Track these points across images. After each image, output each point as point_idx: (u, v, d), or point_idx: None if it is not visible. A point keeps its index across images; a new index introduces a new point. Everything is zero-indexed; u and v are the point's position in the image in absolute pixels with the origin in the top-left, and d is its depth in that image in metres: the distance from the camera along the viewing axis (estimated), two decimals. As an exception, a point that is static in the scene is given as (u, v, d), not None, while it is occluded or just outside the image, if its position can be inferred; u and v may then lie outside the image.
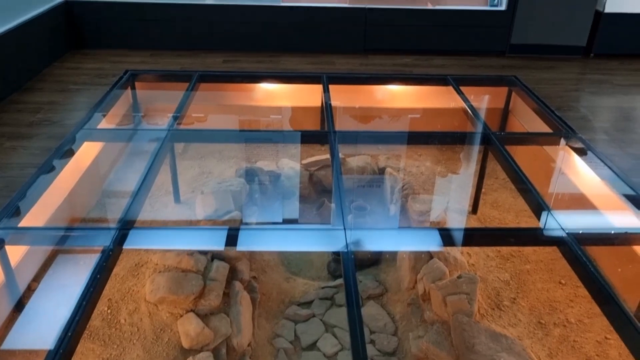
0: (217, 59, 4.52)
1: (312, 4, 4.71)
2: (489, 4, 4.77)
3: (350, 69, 4.40)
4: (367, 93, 4.18)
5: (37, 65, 4.11)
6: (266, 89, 4.14)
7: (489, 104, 4.23)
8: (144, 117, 4.01)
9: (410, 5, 4.74)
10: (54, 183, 2.64)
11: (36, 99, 3.59)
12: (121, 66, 4.19)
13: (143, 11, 4.60)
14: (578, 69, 4.56)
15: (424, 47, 4.82)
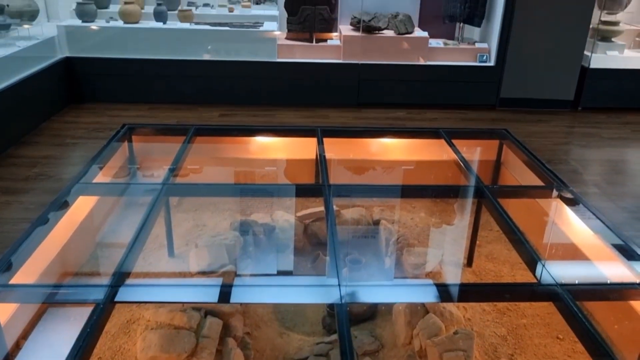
0: (213, 112, 4.60)
1: (307, 60, 4.85)
2: (478, 60, 4.92)
3: (344, 122, 4.49)
4: (361, 146, 4.24)
5: (36, 119, 4.17)
6: (261, 142, 4.19)
7: (481, 156, 4.29)
8: (140, 170, 4.03)
9: (402, 61, 4.88)
10: (48, 238, 2.62)
11: (33, 153, 3.62)
12: (119, 120, 4.25)
13: (141, 67, 4.72)
14: (567, 122, 4.66)
15: (416, 100, 4.93)
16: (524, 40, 4.70)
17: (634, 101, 4.97)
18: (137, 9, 4.75)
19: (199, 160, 4.20)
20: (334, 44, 4.92)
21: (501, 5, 4.70)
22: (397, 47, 4.87)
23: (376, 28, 4.86)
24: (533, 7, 4.59)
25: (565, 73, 4.84)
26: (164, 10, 4.76)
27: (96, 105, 4.66)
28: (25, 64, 4.09)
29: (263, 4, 5.23)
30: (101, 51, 4.67)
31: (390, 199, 4.14)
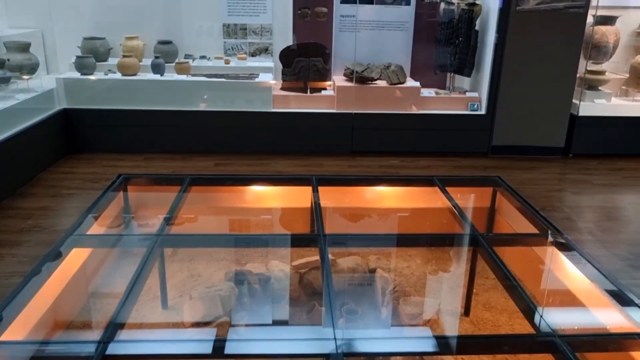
0: (209, 162, 4.64)
1: (302, 110, 4.94)
2: (469, 109, 5.02)
3: (338, 171, 4.53)
4: (356, 194, 4.27)
5: (32, 170, 4.19)
6: (257, 191, 4.21)
7: (475, 203, 4.32)
8: (135, 220, 4.03)
9: (395, 110, 4.97)
10: (40, 291, 2.59)
11: (28, 204, 3.62)
12: (114, 170, 4.27)
13: (138, 117, 4.78)
14: (559, 169, 4.72)
15: (410, 148, 5.00)
16: (513, 89, 4.83)
17: (623, 148, 5.06)
18: (135, 61, 4.86)
19: (195, 209, 4.21)
20: (328, 94, 5.03)
21: (490, 56, 4.85)
22: (390, 97, 4.98)
23: (369, 78, 4.98)
24: (521, 57, 4.73)
25: (555, 121, 4.94)
26: (161, 63, 4.87)
27: (92, 155, 4.69)
28: (23, 117, 4.14)
29: (259, 55, 5.36)
30: (98, 103, 4.75)
31: (386, 247, 4.13)
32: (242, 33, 5.33)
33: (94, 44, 5.02)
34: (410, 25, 5.23)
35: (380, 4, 5.16)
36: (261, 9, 5.26)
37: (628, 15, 5.31)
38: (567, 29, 4.65)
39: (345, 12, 5.17)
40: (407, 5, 5.17)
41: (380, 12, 5.17)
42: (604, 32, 5.07)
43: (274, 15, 5.26)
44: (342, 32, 5.24)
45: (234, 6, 5.23)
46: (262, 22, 5.30)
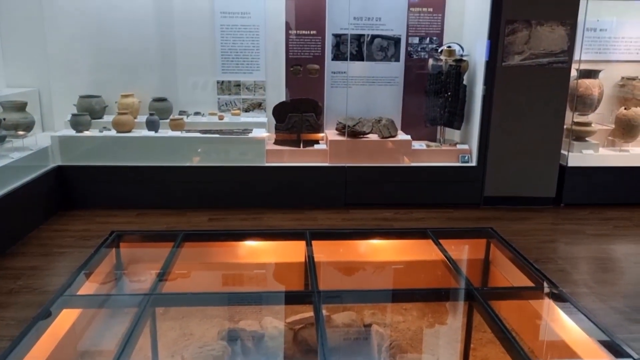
0: (202, 217, 4.64)
1: (295, 164, 4.99)
2: (460, 161, 5.09)
3: (332, 224, 4.53)
4: (350, 248, 4.26)
5: (24, 229, 4.16)
6: (250, 246, 4.20)
7: (469, 255, 4.32)
8: (127, 278, 3.98)
9: (387, 163, 5.03)
10: (29, 354, 2.53)
11: (19, 264, 3.58)
12: (107, 227, 4.26)
13: (131, 173, 4.81)
14: (551, 219, 4.75)
15: (403, 201, 5.03)
16: (503, 141, 4.91)
17: (613, 197, 5.12)
18: (130, 118, 4.93)
19: (188, 265, 4.17)
20: (321, 148, 5.10)
21: (478, 109, 4.96)
22: (382, 150, 5.05)
23: (361, 132, 5.07)
24: (509, 109, 4.85)
25: (545, 171, 5.01)
26: (156, 120, 4.95)
27: (85, 212, 4.68)
28: (17, 175, 4.16)
29: (252, 111, 5.46)
30: (93, 159, 4.78)
31: (381, 302, 4.08)
32: (236, 89, 5.45)
33: (90, 102, 5.11)
34: (400, 80, 5.38)
35: (371, 61, 5.31)
36: (255, 66, 5.40)
37: (610, 68, 5.49)
38: (552, 82, 4.79)
39: (336, 68, 5.32)
40: (396, 62, 5.33)
41: (370, 68, 5.33)
42: (588, 85, 5.23)
43: (267, 72, 5.40)
44: (334, 87, 5.37)
45: (228, 64, 5.37)
46: (255, 79, 5.43)
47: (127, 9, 5.17)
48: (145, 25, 5.24)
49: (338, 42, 5.27)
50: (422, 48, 5.35)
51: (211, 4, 5.22)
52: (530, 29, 4.67)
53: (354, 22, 5.21)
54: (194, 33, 5.29)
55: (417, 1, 5.25)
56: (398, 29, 5.27)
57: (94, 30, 5.19)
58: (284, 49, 5.31)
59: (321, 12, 5.21)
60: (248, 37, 5.33)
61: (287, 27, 5.26)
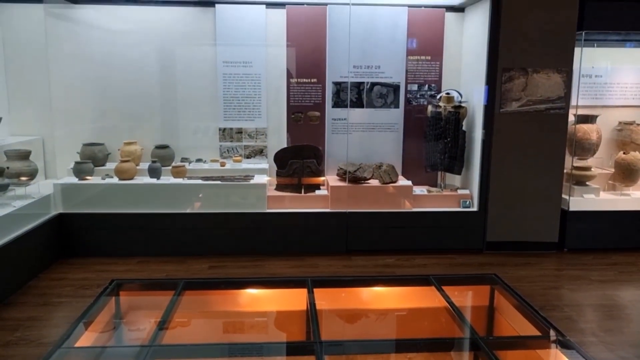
0: (203, 264, 4.60)
1: (295, 210, 4.99)
2: (461, 206, 5.09)
3: (334, 271, 4.49)
4: (352, 295, 4.21)
5: (23, 278, 4.12)
6: (251, 294, 4.15)
7: (473, 302, 4.26)
8: (126, 327, 3.92)
9: (388, 208, 5.03)
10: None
11: (17, 314, 3.53)
12: (107, 275, 4.24)
13: (132, 221, 4.80)
14: (554, 264, 4.70)
15: (404, 247, 5.00)
16: (503, 186, 4.92)
17: (616, 242, 5.09)
18: (132, 166, 4.97)
19: (188, 314, 4.11)
20: (322, 194, 5.11)
21: (478, 154, 5.00)
22: (383, 196, 5.06)
23: (362, 178, 5.09)
24: (508, 154, 4.88)
25: (547, 216, 5.00)
26: (158, 167, 4.98)
27: (85, 260, 4.65)
28: (18, 223, 4.15)
29: (254, 157, 5.51)
30: (94, 207, 4.79)
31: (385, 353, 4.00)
32: (238, 136, 5.51)
33: (93, 150, 5.16)
34: (400, 126, 5.45)
35: (371, 108, 5.39)
36: (256, 113, 5.48)
37: (607, 113, 5.57)
38: (550, 128, 4.85)
39: (336, 115, 5.39)
40: (396, 108, 5.41)
41: (370, 114, 5.40)
42: (586, 130, 5.29)
43: (268, 119, 5.48)
44: (335, 134, 5.43)
45: (230, 111, 5.45)
46: (257, 126, 5.50)
47: (131, 57, 5.29)
48: (149, 74, 5.35)
49: (338, 90, 5.37)
50: (421, 95, 5.44)
51: (214, 54, 5.34)
52: (527, 76, 4.76)
53: (353, 70, 5.32)
54: (196, 81, 5.40)
55: (416, 49, 5.38)
56: (397, 76, 5.37)
57: (98, 78, 5.31)
58: (285, 97, 5.40)
59: (321, 60, 5.33)
60: (250, 85, 5.43)
61: (288, 75, 5.36)
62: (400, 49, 5.33)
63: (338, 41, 5.24)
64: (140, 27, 5.26)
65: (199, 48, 5.37)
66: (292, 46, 5.32)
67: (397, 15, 5.27)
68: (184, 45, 5.37)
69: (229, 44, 5.33)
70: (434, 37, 5.36)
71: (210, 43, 5.34)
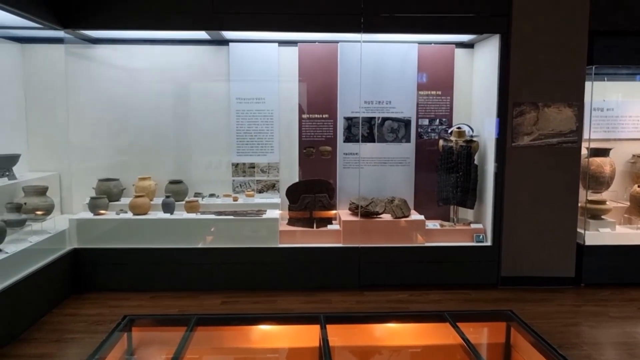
0: (215, 300, 4.59)
1: (307, 245, 4.98)
2: (475, 240, 5.05)
3: (346, 307, 4.45)
4: (365, 332, 4.15)
5: (37, 314, 4.14)
6: (264, 331, 4.11)
7: (489, 339, 4.18)
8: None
9: (401, 243, 5.01)
10: None
11: (30, 351, 3.53)
12: (120, 311, 4.23)
13: (145, 256, 4.82)
14: (571, 300, 4.62)
15: (418, 282, 4.95)
16: (517, 220, 4.89)
17: (634, 277, 4.99)
18: (146, 201, 5.02)
19: (200, 350, 4.07)
20: (334, 229, 5.10)
21: (491, 187, 4.98)
22: (395, 230, 5.04)
23: (374, 213, 5.09)
24: (521, 188, 4.86)
25: (563, 250, 4.94)
26: (171, 202, 5.03)
27: (98, 295, 4.66)
28: (34, 259, 4.19)
29: (266, 192, 5.54)
30: (108, 242, 4.83)
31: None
32: (250, 171, 5.56)
33: (108, 185, 5.24)
34: (412, 160, 5.47)
35: (382, 142, 5.43)
36: (269, 148, 5.54)
37: (620, 146, 5.56)
38: (563, 161, 4.84)
39: (348, 150, 5.44)
40: (407, 143, 5.44)
41: (382, 149, 5.44)
42: (599, 163, 5.27)
43: (280, 153, 5.53)
44: (346, 168, 5.46)
45: (242, 146, 5.52)
46: (269, 161, 5.55)
47: (146, 95, 5.42)
48: (164, 110, 5.47)
49: (349, 125, 5.42)
50: (432, 129, 5.48)
51: (227, 91, 5.45)
52: (538, 110, 4.79)
53: (364, 105, 5.39)
54: (210, 118, 5.50)
55: (426, 84, 5.44)
56: (408, 111, 5.43)
57: (114, 115, 5.43)
58: (297, 132, 5.47)
59: (333, 96, 5.41)
60: (262, 120, 5.51)
61: (300, 111, 5.44)
62: (410, 84, 5.40)
63: (349, 77, 5.33)
64: (156, 66, 5.40)
65: (213, 85, 5.49)
66: (304, 82, 5.42)
67: (408, 51, 5.36)
68: (199, 83, 5.49)
69: (242, 81, 5.44)
70: (444, 72, 5.43)
71: (224, 80, 5.46)
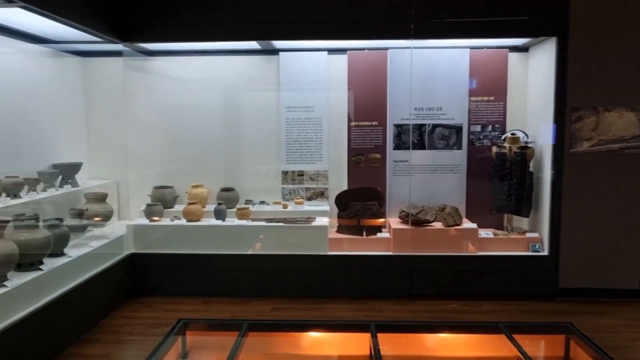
0: (266, 306, 4.63)
1: (358, 253, 4.96)
2: (531, 250, 4.90)
3: (397, 316, 4.40)
4: (418, 341, 4.08)
5: (97, 316, 4.30)
6: (314, 338, 4.12)
7: (546, 353, 4.03)
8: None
9: (453, 252, 4.91)
10: None
11: (92, 351, 3.67)
12: (174, 315, 4.33)
13: (198, 261, 4.93)
14: (636, 313, 4.40)
15: (471, 292, 4.84)
16: (576, 229, 4.71)
17: None
18: (199, 208, 5.14)
19: (252, 356, 4.12)
20: (384, 237, 5.07)
21: (548, 195, 4.82)
22: (447, 239, 4.95)
23: (424, 221, 5.02)
24: (580, 195, 4.68)
25: (626, 261, 4.72)
26: (223, 209, 5.13)
27: (153, 299, 4.79)
28: (94, 263, 4.36)
29: (315, 200, 5.57)
30: (163, 247, 4.97)
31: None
32: (299, 179, 5.60)
33: (163, 192, 5.39)
34: (463, 168, 5.37)
35: (432, 149, 5.36)
36: (317, 156, 5.57)
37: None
38: (625, 168, 4.63)
39: (398, 157, 5.40)
40: (459, 150, 5.35)
41: (432, 156, 5.37)
42: (664, 170, 5.01)
43: (329, 161, 5.55)
44: (396, 175, 5.42)
45: (292, 154, 5.57)
46: (318, 168, 5.58)
47: (199, 104, 5.57)
48: (216, 120, 5.60)
49: (399, 132, 5.39)
50: (485, 136, 5.37)
51: (277, 99, 5.52)
52: (598, 115, 4.61)
53: (414, 112, 5.34)
54: (260, 126, 5.59)
55: (478, 90, 5.34)
56: (459, 117, 5.34)
57: (168, 125, 5.60)
58: (346, 139, 5.47)
59: (382, 103, 5.39)
60: (312, 129, 5.55)
61: (349, 119, 5.45)
62: (462, 90, 5.32)
63: (399, 84, 5.30)
64: (208, 76, 5.55)
65: (263, 94, 5.58)
66: (353, 90, 5.43)
67: (459, 56, 5.29)
68: (249, 92, 5.60)
69: (291, 90, 5.50)
70: (497, 77, 5.32)
71: (274, 89, 5.54)
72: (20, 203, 4.02)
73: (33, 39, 4.59)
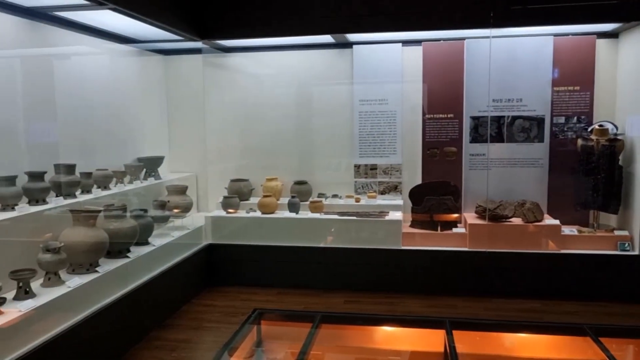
0: (338, 299, 4.66)
1: (431, 248, 4.88)
2: (619, 249, 4.61)
3: (473, 313, 4.28)
4: (495, 340, 3.95)
5: (179, 302, 4.51)
6: (387, 332, 4.09)
7: (637, 358, 3.78)
8: (266, 355, 4.08)
9: (533, 249, 4.71)
10: None
11: (174, 335, 3.86)
12: (250, 304, 4.46)
13: (272, 253, 5.04)
14: None
15: (551, 291, 4.63)
16: (670, 228, 4.38)
17: None
18: (273, 201, 5.25)
19: (325, 348, 4.16)
20: (459, 232, 4.94)
21: (639, 193, 4.51)
22: (526, 235, 4.76)
23: (502, 216, 4.85)
24: (676, 194, 4.35)
25: None
26: (297, 202, 5.20)
27: (229, 288, 4.96)
28: (176, 252, 4.57)
29: (388, 194, 5.52)
30: (239, 239, 5.12)
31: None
32: (372, 173, 5.57)
33: (239, 185, 5.55)
34: (545, 161, 5.12)
35: (512, 142, 5.16)
36: (391, 149, 5.51)
37: None
38: None
39: (475, 151, 5.23)
40: (540, 142, 5.11)
41: (512, 149, 5.16)
42: None
43: (403, 155, 5.48)
44: (472, 169, 5.26)
45: (365, 148, 5.55)
46: (391, 162, 5.52)
47: (274, 99, 5.68)
48: (289, 114, 5.68)
49: (476, 125, 5.22)
50: (569, 128, 5.09)
51: (350, 93, 5.52)
52: (698, 104, 4.24)
53: (493, 104, 5.15)
54: (333, 120, 5.60)
55: (562, 80, 5.07)
56: (541, 109, 5.10)
57: (244, 119, 5.76)
58: (421, 133, 5.38)
59: (458, 95, 5.24)
60: (385, 122, 5.50)
61: (423, 112, 5.35)
62: (544, 80, 5.07)
63: (476, 75, 5.13)
64: (282, 71, 5.64)
65: (337, 87, 5.59)
66: (428, 82, 5.32)
67: (542, 45, 5.04)
68: (322, 86, 5.63)
69: (365, 82, 5.47)
70: (583, 65, 5.02)
71: (347, 82, 5.54)
72: (109, 194, 4.28)
73: (119, 38, 4.86)
